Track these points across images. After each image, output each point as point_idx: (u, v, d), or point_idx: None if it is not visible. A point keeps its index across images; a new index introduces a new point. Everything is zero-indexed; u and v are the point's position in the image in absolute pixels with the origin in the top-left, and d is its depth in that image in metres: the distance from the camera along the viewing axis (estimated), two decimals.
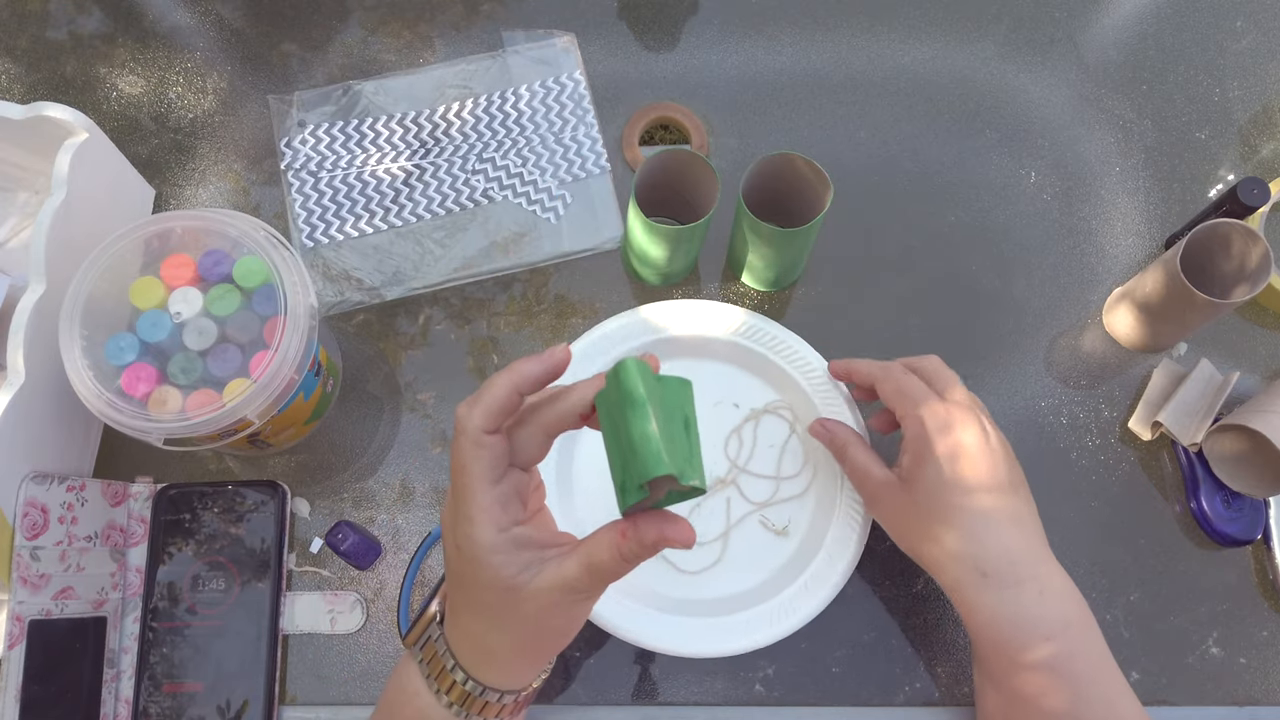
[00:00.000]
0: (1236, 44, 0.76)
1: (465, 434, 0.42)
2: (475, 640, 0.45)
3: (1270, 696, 0.62)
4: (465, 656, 0.46)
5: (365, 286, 0.68)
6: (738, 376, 0.65)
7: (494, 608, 0.43)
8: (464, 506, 0.42)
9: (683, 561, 0.61)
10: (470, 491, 0.42)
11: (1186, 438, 0.64)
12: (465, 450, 0.42)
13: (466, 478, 0.42)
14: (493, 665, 0.46)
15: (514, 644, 0.45)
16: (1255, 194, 0.64)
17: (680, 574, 0.61)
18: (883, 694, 0.61)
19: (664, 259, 0.64)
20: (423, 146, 0.72)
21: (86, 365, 0.54)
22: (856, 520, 0.60)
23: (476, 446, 0.42)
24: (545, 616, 0.43)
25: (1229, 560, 0.64)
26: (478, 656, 0.45)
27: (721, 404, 0.65)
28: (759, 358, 0.64)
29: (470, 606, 0.44)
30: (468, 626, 0.45)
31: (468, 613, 0.45)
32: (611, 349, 0.63)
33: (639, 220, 0.60)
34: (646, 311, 0.64)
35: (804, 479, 0.63)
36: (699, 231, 0.61)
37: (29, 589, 0.55)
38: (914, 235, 0.71)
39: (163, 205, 0.71)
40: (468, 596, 0.44)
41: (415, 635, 0.49)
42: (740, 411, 0.64)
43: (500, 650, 0.45)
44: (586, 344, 0.63)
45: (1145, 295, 0.63)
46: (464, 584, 0.44)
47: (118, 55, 0.75)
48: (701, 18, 0.76)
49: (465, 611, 0.45)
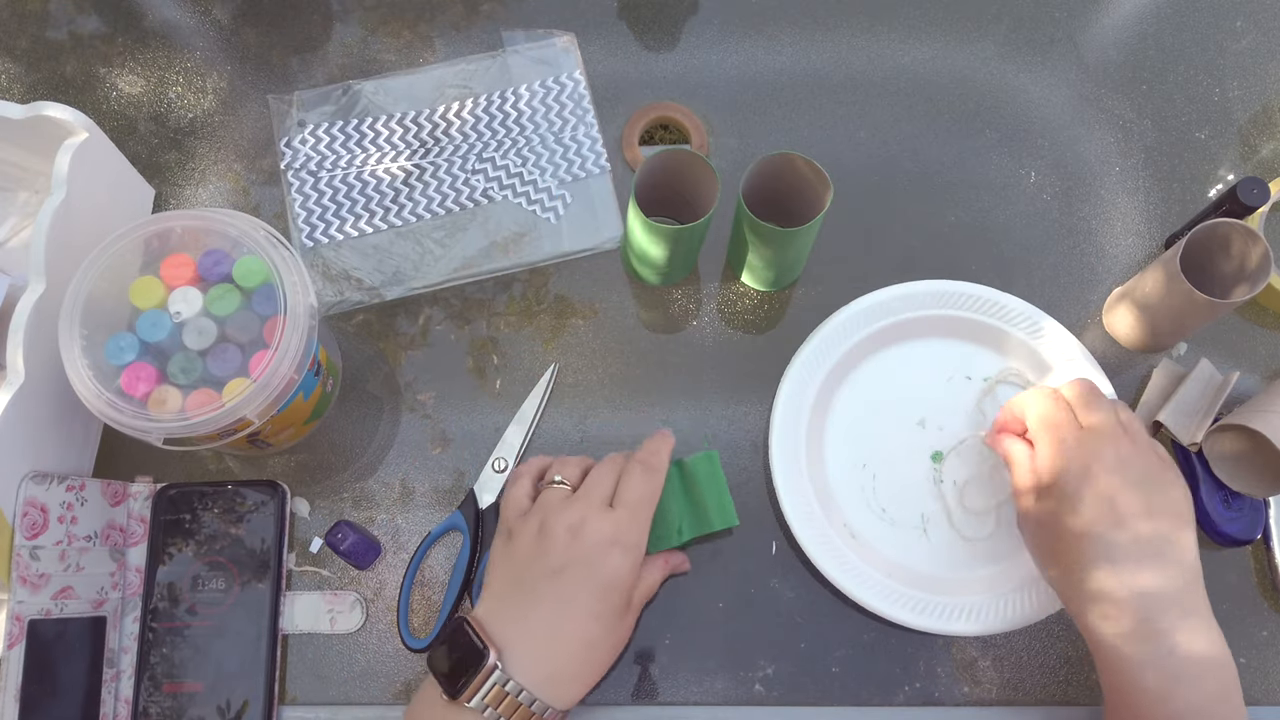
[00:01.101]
0: (1236, 44, 0.76)
1: (662, 472, 0.57)
2: (559, 663, 0.52)
3: (1270, 696, 0.62)
4: (537, 681, 0.51)
5: (365, 286, 0.68)
6: (966, 349, 0.66)
7: (611, 613, 0.53)
8: (640, 533, 0.54)
9: (965, 528, 0.64)
10: (648, 521, 0.55)
11: (1186, 438, 0.64)
12: (659, 484, 0.56)
13: (650, 508, 0.55)
14: (561, 683, 0.52)
15: (595, 663, 0.53)
16: (1255, 194, 0.64)
17: (964, 540, 0.63)
18: (883, 694, 0.61)
19: (664, 259, 0.64)
20: (423, 146, 0.72)
21: (86, 365, 0.54)
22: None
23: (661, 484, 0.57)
24: (631, 621, 0.55)
25: (1229, 560, 0.64)
26: (549, 676, 0.51)
27: (954, 378, 0.66)
28: (985, 327, 0.65)
29: (585, 618, 0.52)
30: (554, 650, 0.52)
31: (580, 623, 0.52)
32: (837, 344, 0.65)
33: (639, 220, 0.60)
34: (865, 302, 0.65)
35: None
36: (699, 231, 0.61)
37: (29, 589, 0.55)
38: (914, 235, 0.71)
39: (162, 205, 0.71)
40: (592, 603, 0.52)
41: (473, 691, 0.50)
42: (974, 384, 0.66)
43: (582, 669, 0.53)
44: (822, 337, 0.64)
45: (1145, 295, 0.63)
46: (599, 593, 0.53)
47: (117, 55, 0.75)
48: (701, 18, 0.76)
49: (566, 635, 0.52)
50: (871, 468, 0.64)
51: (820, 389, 0.64)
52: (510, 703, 0.50)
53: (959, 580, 0.62)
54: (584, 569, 0.52)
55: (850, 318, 0.65)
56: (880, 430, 0.65)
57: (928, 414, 0.65)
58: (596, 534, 0.53)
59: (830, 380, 0.65)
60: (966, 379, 0.66)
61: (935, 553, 0.63)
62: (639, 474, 0.56)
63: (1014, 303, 0.65)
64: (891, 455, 0.65)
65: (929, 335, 0.66)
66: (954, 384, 0.66)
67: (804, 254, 0.66)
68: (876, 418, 0.65)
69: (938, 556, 0.63)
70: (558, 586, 0.52)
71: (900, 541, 0.63)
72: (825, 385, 0.64)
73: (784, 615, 0.63)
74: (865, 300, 0.65)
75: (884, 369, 0.66)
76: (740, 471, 0.65)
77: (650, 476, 0.56)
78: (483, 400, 0.66)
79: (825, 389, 0.64)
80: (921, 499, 0.64)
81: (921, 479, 0.64)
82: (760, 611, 0.63)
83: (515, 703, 0.50)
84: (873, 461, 0.65)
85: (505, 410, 0.66)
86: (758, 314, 0.69)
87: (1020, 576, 0.61)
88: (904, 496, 0.64)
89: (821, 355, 0.64)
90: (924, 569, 0.62)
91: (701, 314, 0.69)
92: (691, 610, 0.62)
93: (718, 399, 0.67)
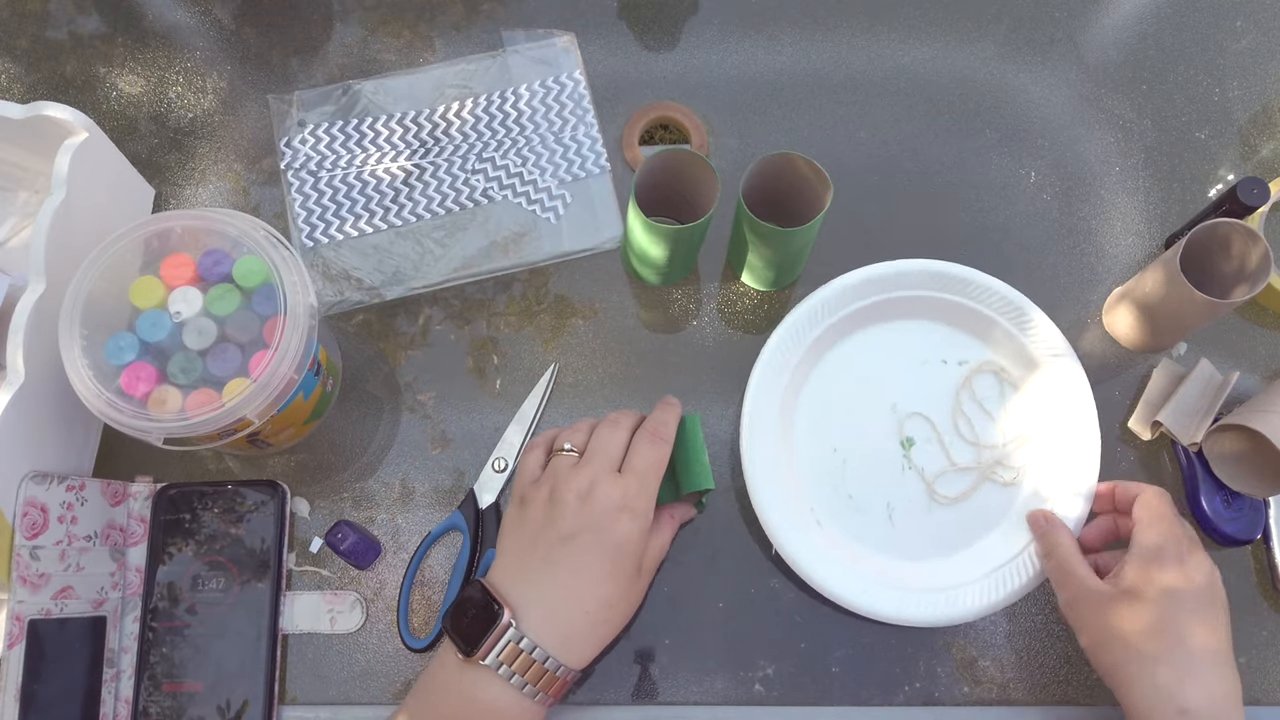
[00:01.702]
0: (1236, 44, 0.76)
1: (669, 442, 0.58)
2: (573, 624, 0.53)
3: (1270, 696, 0.62)
4: (552, 640, 0.52)
5: (365, 286, 0.68)
6: (947, 334, 0.66)
7: (623, 575, 0.54)
8: (648, 499, 0.55)
9: (942, 488, 0.64)
10: (655, 488, 0.56)
11: (1186, 437, 0.64)
12: (666, 453, 0.57)
13: (658, 476, 0.56)
14: (575, 643, 0.53)
15: (612, 621, 0.55)
16: (1255, 194, 0.64)
17: (937, 504, 0.64)
18: (883, 694, 0.61)
19: (664, 259, 0.64)
20: (422, 146, 0.72)
21: (86, 365, 0.54)
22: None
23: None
24: (644, 584, 0.57)
25: (1229, 560, 0.64)
26: (564, 636, 0.52)
27: (929, 362, 0.66)
28: (969, 313, 0.65)
29: (597, 580, 0.53)
30: (570, 612, 0.53)
31: (592, 586, 0.53)
32: (816, 322, 0.64)
33: (639, 220, 0.60)
34: (839, 283, 0.64)
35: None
36: (699, 231, 0.61)
37: (29, 588, 0.55)
38: (913, 234, 0.71)
39: (162, 205, 0.71)
40: (604, 568, 0.53)
41: (489, 647, 0.51)
42: (949, 369, 0.66)
43: (596, 628, 0.54)
44: (798, 316, 0.64)
45: (1145, 295, 0.63)
46: (610, 557, 0.53)
47: (117, 55, 0.75)
48: (701, 18, 0.76)
49: (591, 585, 0.53)
50: (842, 453, 0.64)
51: (795, 370, 0.64)
52: (524, 660, 0.51)
53: (927, 569, 0.62)
54: (594, 534, 0.53)
55: (834, 294, 0.64)
56: (852, 414, 0.65)
57: (899, 398, 0.65)
58: (605, 499, 0.54)
59: (807, 360, 0.64)
60: (943, 362, 0.66)
61: (901, 540, 0.63)
62: (647, 442, 0.57)
63: (1003, 289, 0.64)
64: (862, 441, 0.64)
65: (912, 316, 0.66)
66: (929, 368, 0.66)
67: (804, 254, 0.66)
68: (849, 401, 0.65)
69: (904, 543, 0.63)
70: (570, 550, 0.53)
71: (866, 528, 0.63)
72: (801, 366, 0.64)
73: (784, 615, 0.63)
74: (852, 276, 0.64)
75: (861, 351, 0.65)
76: (741, 471, 0.65)
77: (658, 446, 0.57)
78: (483, 400, 0.67)
79: (800, 370, 0.64)
80: (889, 486, 0.64)
81: (890, 465, 0.64)
82: (760, 611, 0.63)
83: (530, 660, 0.51)
84: (843, 447, 0.64)
85: (505, 410, 0.66)
86: (758, 314, 0.69)
87: (984, 567, 0.61)
88: (872, 481, 0.64)
89: (799, 334, 0.64)
90: (890, 556, 0.62)
91: (701, 314, 0.69)
92: (691, 610, 0.63)
93: (718, 399, 0.67)
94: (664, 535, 0.59)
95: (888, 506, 0.63)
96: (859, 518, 0.63)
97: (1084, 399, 0.62)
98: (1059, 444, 0.63)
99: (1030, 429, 0.64)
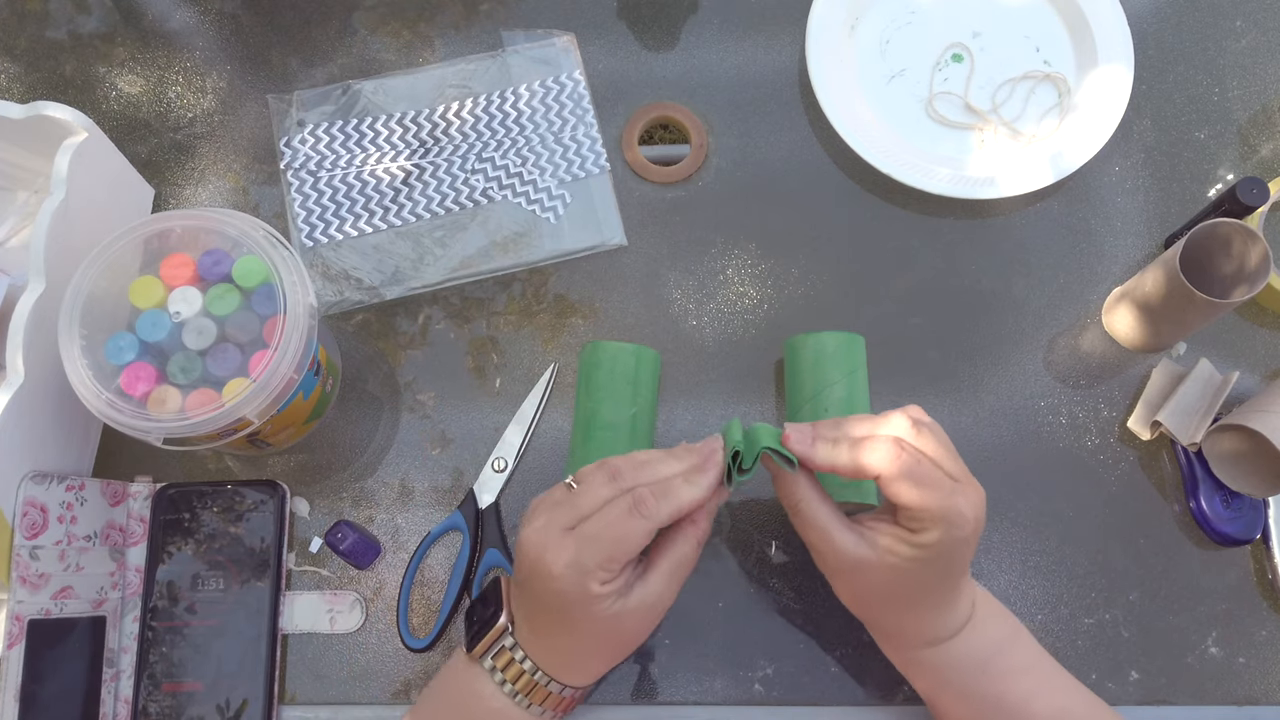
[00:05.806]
0: (1236, 44, 0.76)
1: (653, 520, 0.47)
2: (563, 654, 0.51)
3: (1270, 696, 0.62)
4: (547, 663, 0.51)
5: (365, 286, 0.68)
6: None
7: (594, 636, 0.50)
8: (601, 564, 0.47)
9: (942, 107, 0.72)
10: (620, 561, 0.47)
11: (1186, 437, 0.64)
12: (636, 533, 0.47)
13: (625, 548, 0.47)
14: (573, 669, 0.52)
15: (604, 657, 0.53)
16: (1254, 194, 0.64)
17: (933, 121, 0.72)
18: (882, 694, 0.61)
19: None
20: (422, 146, 0.72)
21: (86, 365, 0.54)
22: None
23: (651, 536, 0.48)
24: (638, 629, 0.52)
25: (1228, 560, 0.64)
26: (559, 663, 0.51)
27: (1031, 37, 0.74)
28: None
29: (560, 631, 0.50)
30: (555, 643, 0.51)
31: (561, 635, 0.50)
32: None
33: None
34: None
35: None
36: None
37: (28, 588, 0.55)
38: (914, 235, 0.71)
39: (162, 205, 0.71)
40: (557, 621, 0.50)
41: (484, 648, 0.52)
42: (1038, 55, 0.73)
43: (589, 660, 0.52)
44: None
45: (1145, 295, 0.63)
46: (560, 614, 0.49)
47: (117, 55, 0.75)
48: (701, 18, 0.76)
49: (558, 634, 0.50)
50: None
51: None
52: (523, 677, 0.51)
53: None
54: (556, 601, 0.49)
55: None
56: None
57: (978, 48, 0.73)
58: (550, 565, 0.48)
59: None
60: (1036, 50, 0.73)
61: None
62: (623, 511, 0.47)
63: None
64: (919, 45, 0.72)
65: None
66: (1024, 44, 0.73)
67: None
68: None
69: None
70: (541, 609, 0.50)
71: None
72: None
73: (784, 615, 0.63)
74: None
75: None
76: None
77: (633, 521, 0.47)
78: (482, 400, 0.67)
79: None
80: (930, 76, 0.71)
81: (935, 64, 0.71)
82: (760, 611, 0.63)
83: (528, 679, 0.51)
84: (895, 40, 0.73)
85: (505, 410, 0.66)
86: (758, 314, 0.69)
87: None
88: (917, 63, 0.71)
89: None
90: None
91: (702, 314, 0.69)
92: (691, 610, 0.62)
93: (718, 399, 0.67)
94: (684, 546, 0.51)
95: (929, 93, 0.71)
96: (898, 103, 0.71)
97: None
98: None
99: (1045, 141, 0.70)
